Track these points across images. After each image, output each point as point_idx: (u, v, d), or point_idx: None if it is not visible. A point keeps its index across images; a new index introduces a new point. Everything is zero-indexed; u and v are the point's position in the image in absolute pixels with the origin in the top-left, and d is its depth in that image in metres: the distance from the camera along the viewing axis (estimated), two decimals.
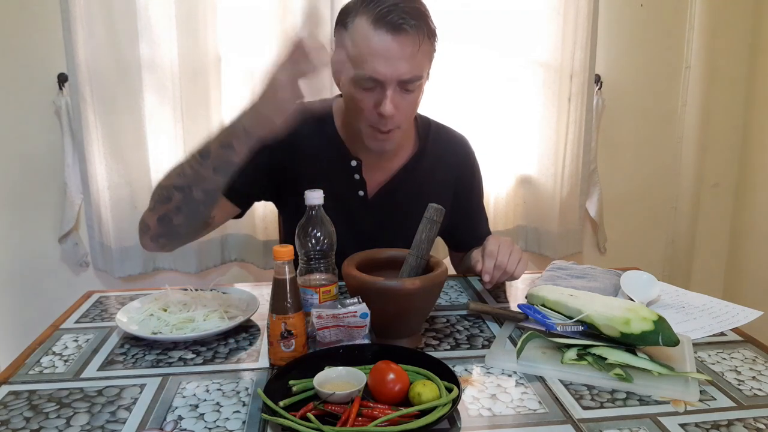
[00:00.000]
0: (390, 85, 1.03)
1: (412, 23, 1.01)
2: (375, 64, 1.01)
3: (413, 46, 1.02)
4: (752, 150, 2.29)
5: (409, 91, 1.07)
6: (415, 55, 1.03)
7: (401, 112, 1.07)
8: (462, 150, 1.33)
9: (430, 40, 1.07)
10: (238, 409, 0.81)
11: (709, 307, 1.13)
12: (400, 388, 0.78)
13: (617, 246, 2.31)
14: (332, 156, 1.21)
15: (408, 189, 1.25)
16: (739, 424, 0.77)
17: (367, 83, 1.04)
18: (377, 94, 1.05)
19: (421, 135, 1.26)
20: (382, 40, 1.00)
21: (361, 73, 1.03)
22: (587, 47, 2.03)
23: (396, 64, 1.01)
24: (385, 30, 1.00)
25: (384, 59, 1.01)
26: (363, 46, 1.02)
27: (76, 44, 1.79)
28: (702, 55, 2.17)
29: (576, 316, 0.94)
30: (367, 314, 0.89)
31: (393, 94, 1.04)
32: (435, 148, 1.27)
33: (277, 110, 0.92)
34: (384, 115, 1.05)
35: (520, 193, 2.17)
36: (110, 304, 1.18)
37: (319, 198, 0.95)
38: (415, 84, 1.06)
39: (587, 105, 2.08)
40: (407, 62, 1.02)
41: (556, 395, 0.84)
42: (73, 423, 0.78)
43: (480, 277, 1.14)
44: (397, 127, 1.10)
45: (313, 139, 1.20)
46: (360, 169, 1.20)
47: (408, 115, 1.11)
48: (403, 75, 1.03)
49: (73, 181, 1.91)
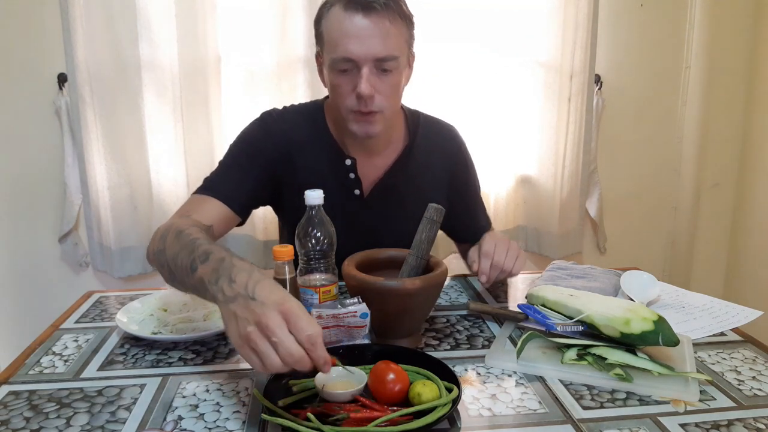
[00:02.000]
0: (365, 64, 1.05)
1: (382, 2, 1.04)
2: (347, 44, 1.04)
3: (384, 25, 1.05)
4: (752, 150, 2.29)
5: (386, 72, 1.08)
6: (387, 34, 1.06)
7: (381, 94, 1.09)
8: (453, 141, 1.33)
9: (404, 22, 1.10)
10: (238, 409, 0.81)
11: (709, 307, 1.13)
12: (400, 388, 0.78)
13: (617, 246, 2.31)
14: (327, 157, 1.21)
15: (402, 184, 1.25)
16: (739, 424, 0.77)
17: (343, 65, 1.06)
18: (354, 76, 1.07)
19: (410, 129, 1.26)
20: (352, 20, 1.04)
21: (335, 56, 1.06)
22: (587, 47, 2.03)
23: (367, 42, 1.04)
24: (354, 10, 1.04)
25: (356, 38, 1.04)
26: (336, 29, 1.06)
27: (75, 44, 1.79)
28: (702, 55, 2.17)
29: (576, 316, 0.94)
30: (367, 314, 0.89)
31: (369, 74, 1.06)
32: (426, 141, 1.27)
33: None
34: (362, 95, 1.06)
35: (520, 193, 2.17)
36: (110, 304, 1.18)
37: (319, 198, 0.95)
38: (391, 64, 1.07)
39: (587, 105, 2.08)
40: (379, 40, 1.05)
41: (556, 395, 0.84)
42: (73, 423, 0.78)
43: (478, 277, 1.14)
44: (379, 110, 1.10)
45: (307, 143, 1.21)
46: (355, 168, 1.21)
47: (389, 99, 1.11)
48: (377, 53, 1.05)
49: (72, 181, 1.91)
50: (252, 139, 1.21)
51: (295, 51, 1.88)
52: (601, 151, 2.21)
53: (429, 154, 1.27)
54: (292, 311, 0.71)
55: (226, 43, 1.89)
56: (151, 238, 1.03)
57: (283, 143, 1.19)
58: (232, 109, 1.92)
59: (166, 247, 0.94)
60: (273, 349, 0.70)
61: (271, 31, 1.87)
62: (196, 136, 1.90)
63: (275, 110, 1.24)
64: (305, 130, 1.21)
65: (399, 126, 1.25)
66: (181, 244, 0.90)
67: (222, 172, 1.19)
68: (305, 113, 1.23)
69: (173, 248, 0.91)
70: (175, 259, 0.89)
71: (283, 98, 1.89)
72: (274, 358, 0.70)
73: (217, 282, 0.78)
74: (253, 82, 1.90)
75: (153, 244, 1.00)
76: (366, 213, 1.24)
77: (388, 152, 1.24)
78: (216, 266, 0.80)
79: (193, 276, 0.83)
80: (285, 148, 1.19)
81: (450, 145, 1.32)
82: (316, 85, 1.84)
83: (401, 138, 1.25)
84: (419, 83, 1.89)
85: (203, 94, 1.88)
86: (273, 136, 1.19)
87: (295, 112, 1.24)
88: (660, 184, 2.30)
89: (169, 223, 1.02)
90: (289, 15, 1.86)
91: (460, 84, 2.00)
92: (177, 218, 1.08)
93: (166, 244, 0.94)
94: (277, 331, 0.70)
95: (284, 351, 0.70)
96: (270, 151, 1.19)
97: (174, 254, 0.90)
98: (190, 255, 0.86)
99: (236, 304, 0.74)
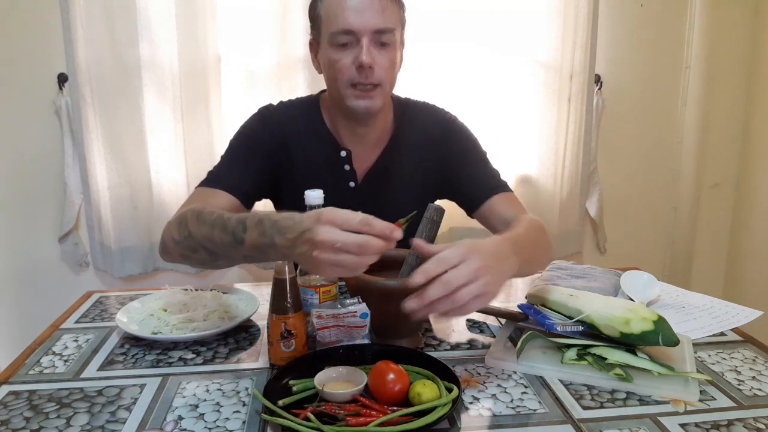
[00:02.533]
0: (365, 35, 1.07)
1: None
2: (347, 17, 1.07)
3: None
4: (752, 150, 2.28)
5: (384, 46, 1.10)
6: (384, 8, 1.09)
7: (380, 66, 1.10)
8: (441, 124, 1.28)
9: (397, 3, 1.12)
10: (238, 409, 0.81)
11: (709, 307, 1.13)
12: (400, 388, 0.78)
13: (617, 246, 2.31)
14: (323, 149, 1.22)
15: (391, 171, 1.24)
16: (739, 424, 0.77)
17: (343, 38, 1.08)
18: (354, 49, 1.09)
19: (397, 116, 1.26)
20: None
21: (335, 29, 1.08)
22: (587, 47, 2.03)
23: (367, 14, 1.07)
24: None
25: (354, 10, 1.07)
26: (335, 5, 1.08)
27: (76, 44, 1.79)
28: (702, 55, 2.17)
29: (576, 316, 0.94)
30: (367, 314, 0.89)
31: (369, 45, 1.08)
32: (413, 126, 1.26)
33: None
34: (363, 65, 1.08)
35: (520, 193, 2.15)
36: (110, 304, 1.18)
37: (320, 198, 0.95)
38: (389, 36, 1.10)
39: (587, 105, 2.08)
40: (378, 13, 1.08)
41: (556, 395, 0.84)
42: (73, 423, 0.78)
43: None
44: (378, 83, 1.11)
45: (304, 134, 1.22)
46: (350, 160, 1.21)
47: (387, 73, 1.13)
48: (377, 25, 1.07)
49: (73, 181, 1.91)
50: (251, 131, 1.22)
51: (295, 51, 1.88)
52: (601, 151, 2.20)
53: (416, 139, 1.25)
54: (330, 216, 0.77)
55: (226, 43, 1.89)
56: (164, 233, 1.03)
57: (281, 135, 1.20)
58: (232, 109, 1.92)
59: (192, 233, 0.95)
60: (344, 253, 0.76)
61: (271, 31, 1.87)
62: (196, 135, 1.90)
63: (272, 105, 1.25)
64: (301, 122, 1.22)
65: (389, 116, 1.25)
66: (207, 224, 0.93)
67: (225, 164, 1.20)
68: (301, 106, 1.25)
69: (201, 230, 0.94)
70: (210, 238, 0.92)
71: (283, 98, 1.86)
72: (350, 258, 0.76)
73: (273, 243, 0.83)
74: (253, 82, 1.90)
75: (172, 235, 1.00)
76: (359, 205, 1.24)
77: (379, 143, 1.24)
78: (261, 230, 0.85)
79: (242, 247, 0.87)
80: (283, 140, 1.21)
81: (438, 129, 1.28)
82: (316, 85, 1.84)
83: (390, 127, 1.26)
84: (419, 83, 1.89)
85: (203, 94, 1.88)
86: (271, 128, 1.21)
87: (291, 105, 1.25)
88: (660, 184, 2.30)
89: (180, 213, 1.02)
90: (289, 15, 1.86)
91: (460, 84, 1.99)
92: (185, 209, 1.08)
93: (191, 229, 0.96)
94: (333, 236, 0.75)
95: (352, 245, 0.76)
96: (269, 143, 1.19)
97: (206, 235, 0.92)
98: (225, 230, 0.89)
99: (297, 247, 0.80)
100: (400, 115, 1.26)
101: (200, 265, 1.01)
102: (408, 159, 1.25)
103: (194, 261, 1.00)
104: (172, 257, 1.03)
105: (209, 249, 0.93)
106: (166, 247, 1.03)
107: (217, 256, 0.94)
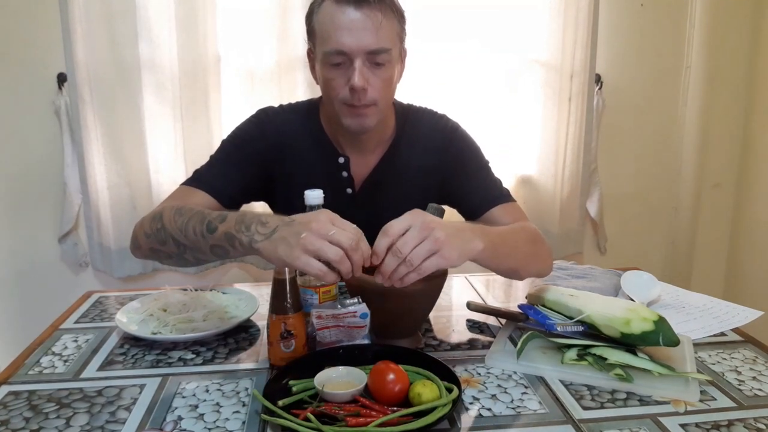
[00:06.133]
0: (357, 56, 1.05)
1: None
2: (339, 37, 1.04)
3: (376, 18, 1.05)
4: (752, 150, 2.28)
5: (379, 66, 1.08)
6: (379, 27, 1.05)
7: (374, 87, 1.08)
8: (443, 132, 1.27)
9: (395, 17, 1.10)
10: (238, 409, 0.81)
11: (709, 307, 1.13)
12: (400, 388, 0.78)
13: (617, 246, 2.31)
14: (320, 155, 1.21)
15: (390, 178, 1.23)
16: (740, 424, 0.77)
17: (335, 58, 1.06)
18: (347, 69, 1.07)
19: (398, 122, 1.25)
20: (345, 13, 1.04)
21: (327, 49, 1.06)
22: (587, 47, 2.03)
23: (360, 34, 1.04)
24: (346, 3, 1.04)
25: (348, 30, 1.04)
26: (328, 23, 1.06)
27: (75, 44, 1.78)
28: (702, 55, 2.17)
29: (576, 316, 0.94)
30: (367, 314, 0.89)
31: (362, 67, 1.06)
32: (413, 133, 1.24)
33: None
34: (355, 88, 1.06)
35: (520, 193, 2.17)
36: (110, 305, 1.18)
37: (319, 198, 0.95)
38: (383, 57, 1.07)
39: (587, 105, 2.08)
40: (372, 33, 1.05)
41: (556, 395, 0.84)
42: (72, 423, 0.78)
43: None
44: (372, 103, 1.10)
45: (301, 140, 1.21)
46: (348, 166, 1.20)
47: (382, 92, 1.11)
48: (369, 45, 1.05)
49: (72, 181, 1.91)
50: (245, 134, 1.20)
51: (295, 51, 1.88)
52: (601, 151, 2.20)
53: (416, 146, 1.24)
54: (333, 214, 0.82)
55: (226, 43, 1.89)
56: (136, 227, 1.06)
57: (277, 139, 1.19)
58: (231, 109, 1.92)
59: (164, 225, 0.98)
60: (330, 244, 0.78)
61: (270, 31, 1.87)
62: (196, 136, 1.90)
63: (271, 108, 1.24)
64: (300, 127, 1.21)
65: (390, 122, 1.25)
66: (187, 216, 0.95)
67: (211, 165, 1.19)
68: (300, 111, 1.23)
69: (176, 222, 0.96)
70: (183, 229, 0.94)
71: (283, 98, 1.89)
72: (335, 250, 0.78)
73: (248, 229, 0.85)
74: (253, 81, 1.90)
75: (143, 229, 1.03)
76: (357, 211, 1.23)
77: (378, 150, 1.23)
78: (240, 219, 0.87)
79: (213, 236, 0.89)
80: (279, 145, 1.19)
81: (438, 136, 1.26)
82: (315, 85, 1.83)
83: (390, 133, 1.25)
84: (419, 83, 1.89)
85: (203, 94, 1.88)
86: (267, 132, 1.19)
87: (291, 110, 1.24)
88: (660, 184, 2.30)
89: (158, 208, 1.05)
90: (288, 15, 1.86)
91: (460, 83, 2.00)
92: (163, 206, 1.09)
93: (165, 222, 0.98)
94: (330, 225, 0.80)
95: (344, 238, 0.79)
96: (262, 147, 1.18)
97: (180, 226, 0.95)
98: (203, 220, 0.92)
99: (279, 232, 0.82)
100: (401, 121, 1.25)
101: (167, 258, 1.02)
102: (407, 167, 1.24)
103: (162, 255, 1.01)
104: (142, 251, 1.05)
105: (178, 240, 0.95)
106: (137, 240, 1.05)
107: (185, 248, 0.96)
